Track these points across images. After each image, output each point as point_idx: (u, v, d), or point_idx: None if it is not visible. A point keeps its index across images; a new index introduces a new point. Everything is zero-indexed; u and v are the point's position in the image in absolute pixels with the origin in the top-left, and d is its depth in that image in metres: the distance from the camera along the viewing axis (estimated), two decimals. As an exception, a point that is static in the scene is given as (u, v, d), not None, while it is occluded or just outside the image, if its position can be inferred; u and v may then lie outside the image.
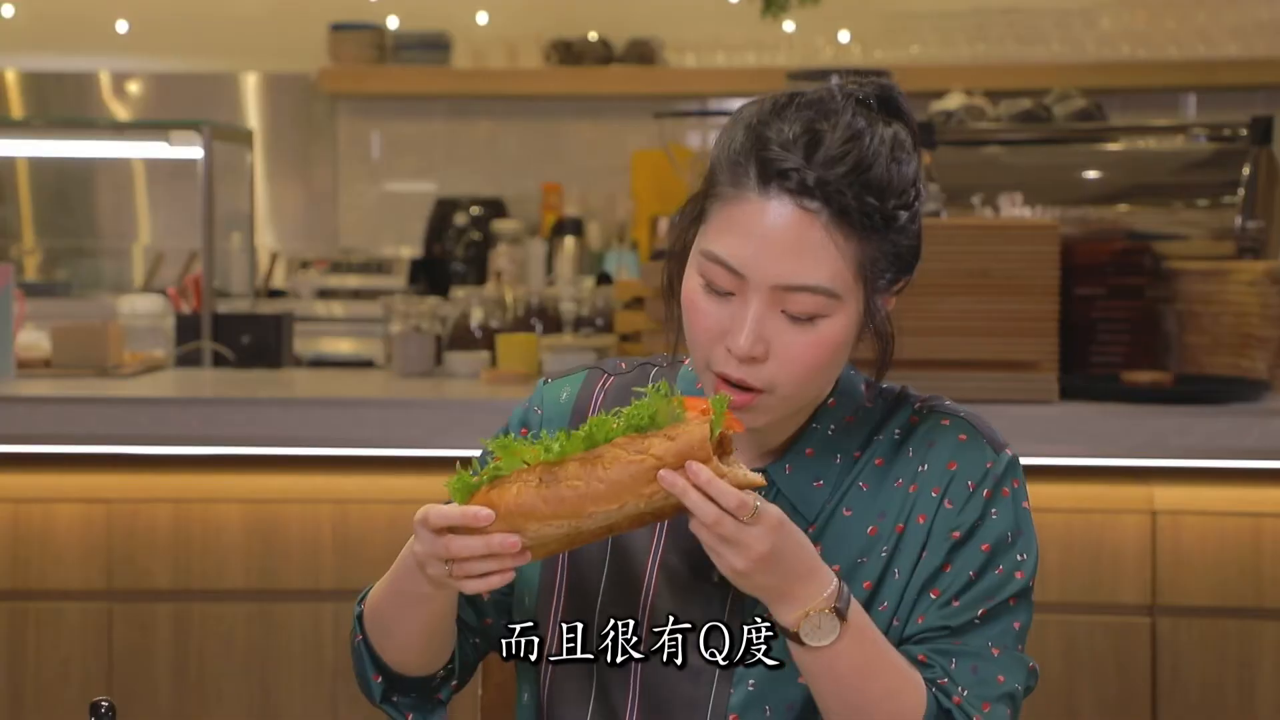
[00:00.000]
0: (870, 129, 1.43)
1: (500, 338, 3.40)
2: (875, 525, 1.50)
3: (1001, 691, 1.48)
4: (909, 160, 1.45)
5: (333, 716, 2.99)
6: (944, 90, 3.99)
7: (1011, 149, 3.53)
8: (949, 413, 1.55)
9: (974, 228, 2.98)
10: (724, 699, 1.50)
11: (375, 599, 1.56)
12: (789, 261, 1.40)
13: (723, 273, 1.42)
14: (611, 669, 1.53)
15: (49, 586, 3.00)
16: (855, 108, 1.45)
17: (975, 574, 1.49)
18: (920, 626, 1.48)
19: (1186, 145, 3.52)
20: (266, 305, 4.91)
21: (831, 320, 1.42)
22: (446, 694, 1.61)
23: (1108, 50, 5.30)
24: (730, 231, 1.42)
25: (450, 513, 1.36)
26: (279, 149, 5.76)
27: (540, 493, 1.34)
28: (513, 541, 1.34)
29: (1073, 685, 2.92)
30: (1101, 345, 3.14)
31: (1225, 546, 2.90)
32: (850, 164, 1.41)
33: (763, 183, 1.41)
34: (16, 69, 5.81)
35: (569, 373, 1.64)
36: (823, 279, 1.40)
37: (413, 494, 2.88)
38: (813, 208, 1.40)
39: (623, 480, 1.33)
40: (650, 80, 5.47)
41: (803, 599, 1.39)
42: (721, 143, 1.46)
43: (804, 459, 1.51)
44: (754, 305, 1.41)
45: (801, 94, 1.46)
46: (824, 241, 1.40)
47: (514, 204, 5.58)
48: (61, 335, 3.39)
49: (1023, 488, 1.54)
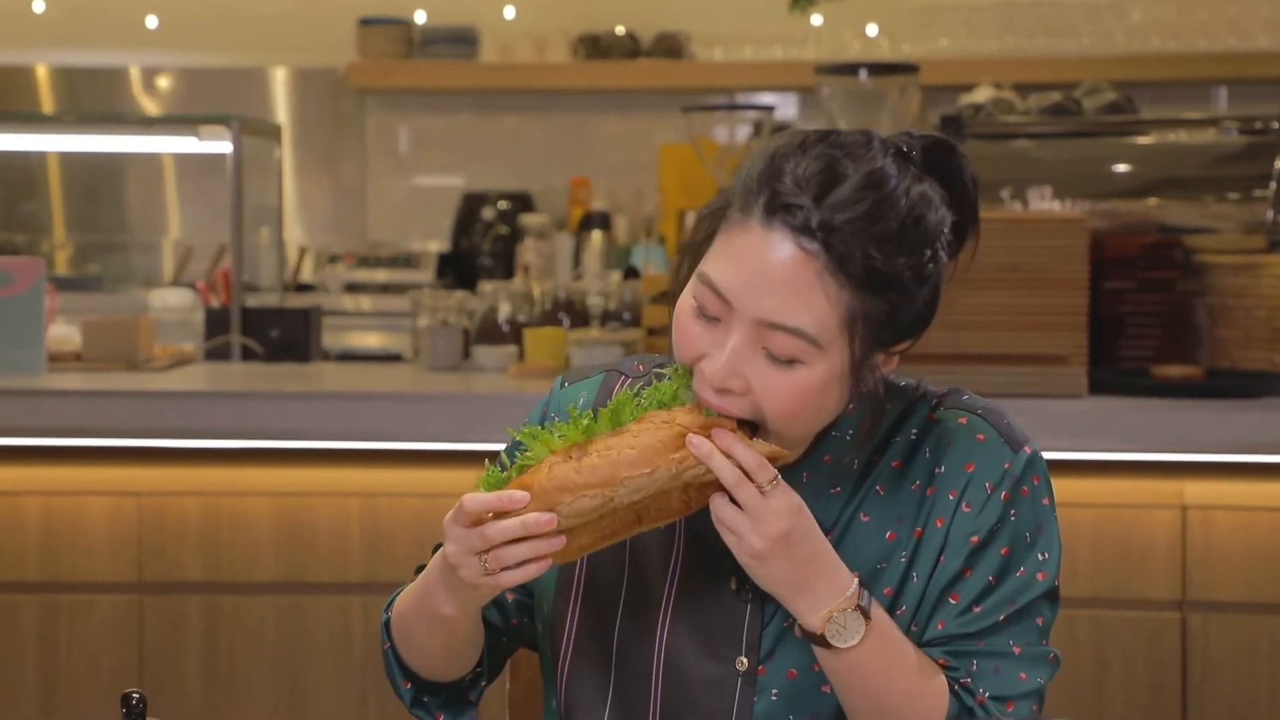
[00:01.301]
0: (897, 181, 1.38)
1: (528, 332, 3.40)
2: (893, 530, 1.49)
3: (1025, 690, 1.46)
4: (932, 221, 1.39)
5: (361, 708, 3.00)
6: (973, 83, 3.97)
7: (1041, 142, 3.51)
8: (966, 409, 1.52)
9: (1003, 221, 2.96)
10: (747, 707, 1.49)
11: (401, 611, 1.56)
12: (776, 298, 1.36)
13: (712, 297, 1.39)
14: (631, 676, 1.52)
15: (80, 579, 3.01)
16: (890, 157, 1.40)
17: (995, 578, 1.47)
18: (940, 633, 1.47)
19: (1217, 138, 3.50)
20: (295, 299, 4.92)
21: (810, 368, 1.37)
22: (476, 694, 1.61)
23: (1138, 43, 5.27)
24: (727, 257, 1.39)
25: (486, 498, 1.36)
26: (307, 143, 5.78)
27: (572, 465, 1.35)
28: (548, 519, 1.34)
29: (1103, 681, 2.91)
30: (1131, 339, 3.12)
31: (1256, 542, 2.89)
32: (860, 212, 1.35)
33: (768, 214, 1.37)
34: (47, 64, 5.84)
35: (585, 376, 1.62)
36: (806, 323, 1.36)
37: (441, 488, 2.89)
38: (811, 249, 1.35)
39: (653, 445, 1.35)
40: (677, 74, 5.46)
41: (824, 597, 1.39)
42: (744, 165, 1.43)
43: (822, 466, 1.49)
44: (734, 337, 1.38)
45: (837, 133, 1.42)
46: (815, 286, 1.35)
47: (541, 198, 5.59)
48: (92, 329, 3.40)
49: (1044, 484, 1.50)
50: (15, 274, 3.28)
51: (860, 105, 3.53)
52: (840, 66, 3.62)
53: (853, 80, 3.56)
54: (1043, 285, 2.86)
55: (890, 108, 3.51)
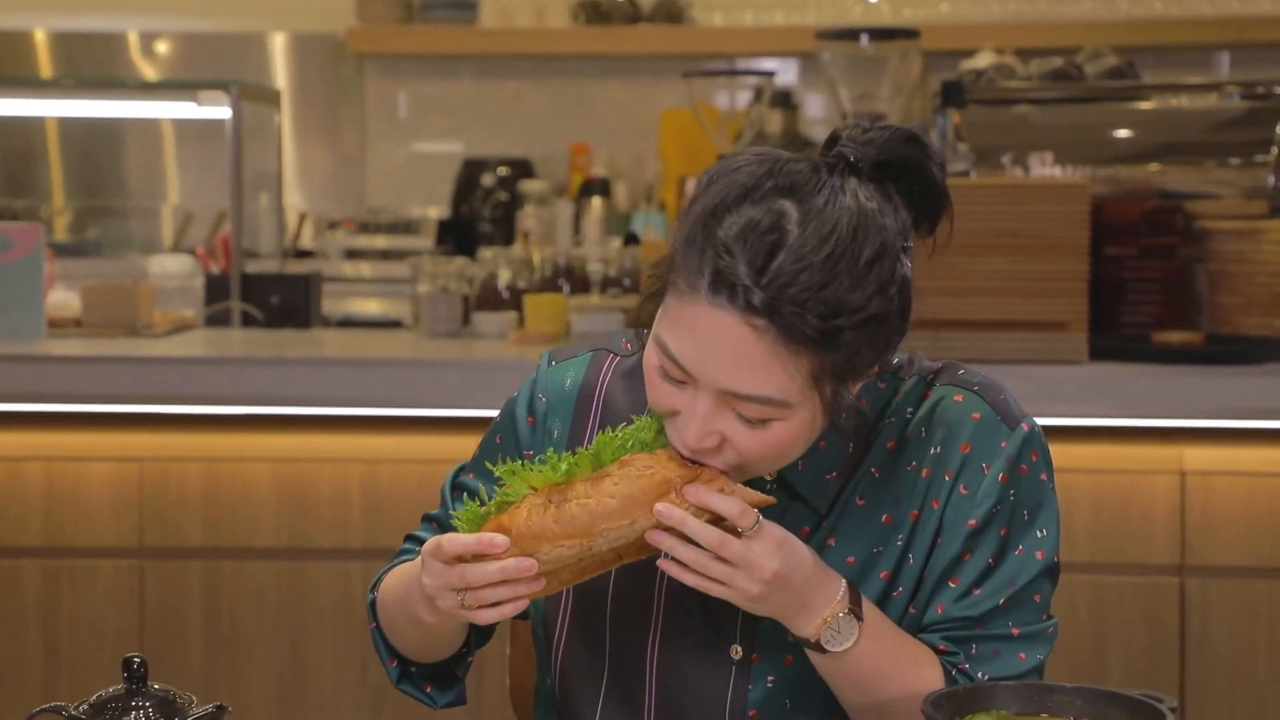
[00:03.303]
0: (848, 222, 1.32)
1: (528, 298, 3.40)
2: (890, 514, 1.47)
3: (1024, 669, 1.46)
4: (890, 242, 1.34)
5: (362, 674, 3.01)
6: (974, 49, 3.96)
7: (1042, 108, 3.50)
8: (962, 385, 1.49)
9: (1004, 187, 2.96)
10: (742, 695, 1.49)
11: (385, 600, 1.56)
12: (734, 371, 1.33)
13: (674, 366, 1.36)
14: (626, 666, 1.52)
15: (82, 544, 3.02)
16: (838, 184, 1.34)
17: (994, 560, 1.46)
18: (940, 616, 1.46)
19: (1219, 103, 3.49)
20: (295, 265, 4.92)
21: (785, 423, 1.36)
22: (464, 669, 1.61)
23: (1140, 8, 5.24)
24: (680, 328, 1.35)
25: (466, 540, 1.34)
26: (306, 109, 5.76)
27: (551, 513, 1.32)
28: (529, 564, 1.32)
29: (1102, 646, 2.92)
30: (1132, 305, 3.12)
31: (1255, 507, 2.89)
32: (805, 283, 1.30)
33: (713, 291, 1.32)
34: (46, 29, 5.82)
35: (574, 355, 1.60)
36: (771, 391, 1.33)
37: (440, 454, 2.89)
38: (760, 325, 1.31)
39: (633, 494, 1.32)
40: (678, 40, 5.44)
41: (818, 607, 1.38)
42: (688, 214, 1.37)
43: (816, 452, 1.46)
44: (702, 404, 1.35)
45: (780, 165, 1.35)
46: (770, 358, 1.32)
47: (541, 164, 5.57)
48: (92, 295, 3.40)
49: (1042, 459, 1.48)
50: (15, 239, 3.27)
51: (861, 71, 3.52)
52: (841, 31, 3.61)
53: (854, 45, 3.54)
54: (1043, 251, 2.85)
55: (891, 73, 3.50)
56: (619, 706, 1.53)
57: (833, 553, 1.47)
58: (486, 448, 1.61)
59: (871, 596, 1.46)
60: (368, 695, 3.00)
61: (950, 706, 1.31)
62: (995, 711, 1.33)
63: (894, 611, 1.47)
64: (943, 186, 1.41)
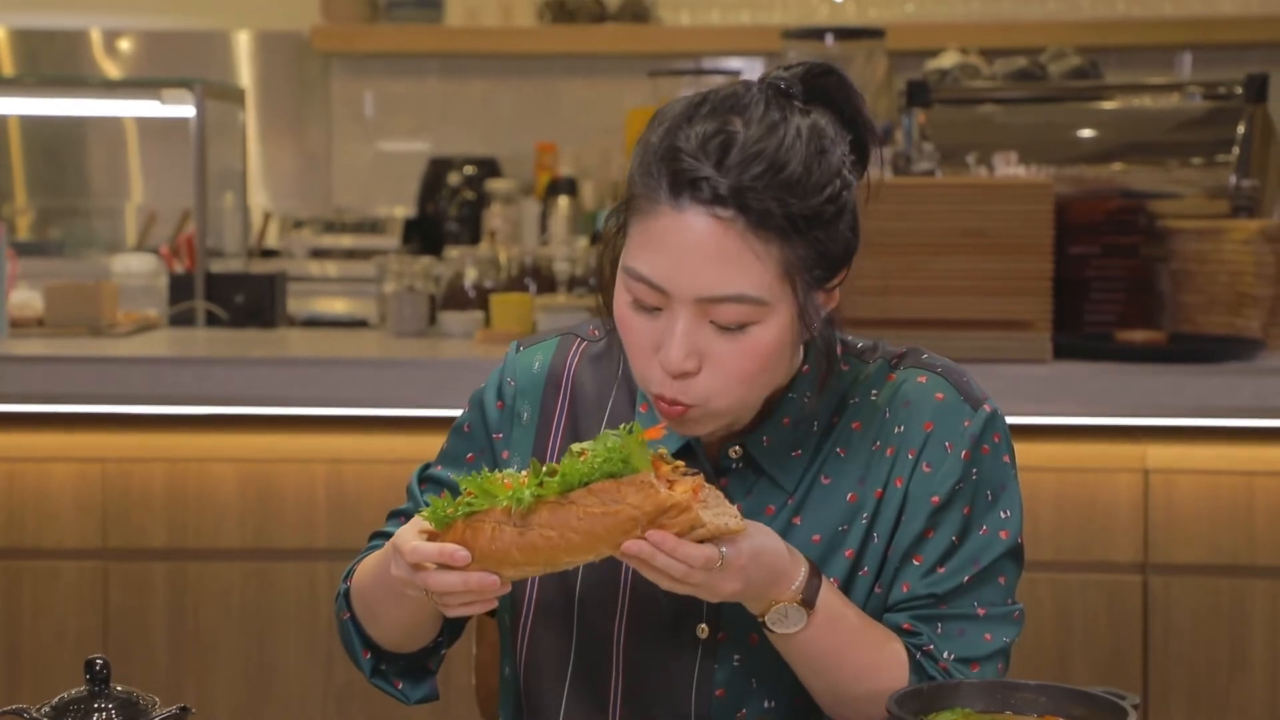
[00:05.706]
0: (784, 122, 1.38)
1: (494, 297, 3.39)
2: (855, 492, 1.49)
3: (990, 650, 1.48)
4: (831, 150, 1.39)
5: (327, 675, 3.00)
6: (939, 48, 3.97)
7: (1006, 107, 3.51)
8: (926, 368, 1.52)
9: (968, 187, 2.97)
10: (709, 673, 1.50)
11: (362, 583, 1.56)
12: (709, 273, 1.36)
13: (646, 289, 1.38)
14: (592, 645, 1.52)
15: (44, 545, 3.00)
16: (771, 100, 1.40)
17: (958, 538, 1.47)
18: (905, 595, 1.48)
19: (1182, 103, 3.51)
20: (260, 265, 4.89)
21: (763, 326, 1.38)
22: (436, 663, 1.61)
23: (1103, 8, 5.28)
24: (647, 246, 1.38)
25: (428, 551, 1.34)
26: (271, 108, 5.74)
27: (514, 540, 1.33)
28: (491, 581, 1.34)
29: (1065, 643, 2.94)
30: (1095, 304, 3.14)
31: (1218, 505, 2.91)
32: (763, 165, 1.35)
33: (674, 194, 1.36)
34: (7, 26, 5.78)
35: (542, 339, 1.62)
36: (747, 287, 1.36)
37: (407, 454, 2.88)
38: (727, 216, 1.35)
39: (597, 532, 1.32)
40: (644, 39, 5.44)
41: (773, 597, 1.40)
42: (636, 152, 1.41)
43: (781, 429, 1.49)
44: (681, 319, 1.37)
45: (715, 92, 1.41)
46: (743, 249, 1.36)
47: (508, 163, 5.56)
48: (55, 294, 3.38)
49: (1004, 441, 1.51)
50: (-24, 239, 3.25)
51: (826, 70, 3.52)
52: (806, 31, 3.62)
53: (819, 45, 3.55)
54: (1007, 250, 2.87)
55: (856, 73, 3.51)
56: (585, 687, 1.53)
57: (798, 531, 1.49)
58: (455, 439, 1.62)
59: (838, 575, 1.48)
60: (334, 695, 2.99)
61: (915, 705, 1.32)
62: (960, 709, 1.34)
63: (860, 591, 1.48)
64: (867, 118, 1.45)
